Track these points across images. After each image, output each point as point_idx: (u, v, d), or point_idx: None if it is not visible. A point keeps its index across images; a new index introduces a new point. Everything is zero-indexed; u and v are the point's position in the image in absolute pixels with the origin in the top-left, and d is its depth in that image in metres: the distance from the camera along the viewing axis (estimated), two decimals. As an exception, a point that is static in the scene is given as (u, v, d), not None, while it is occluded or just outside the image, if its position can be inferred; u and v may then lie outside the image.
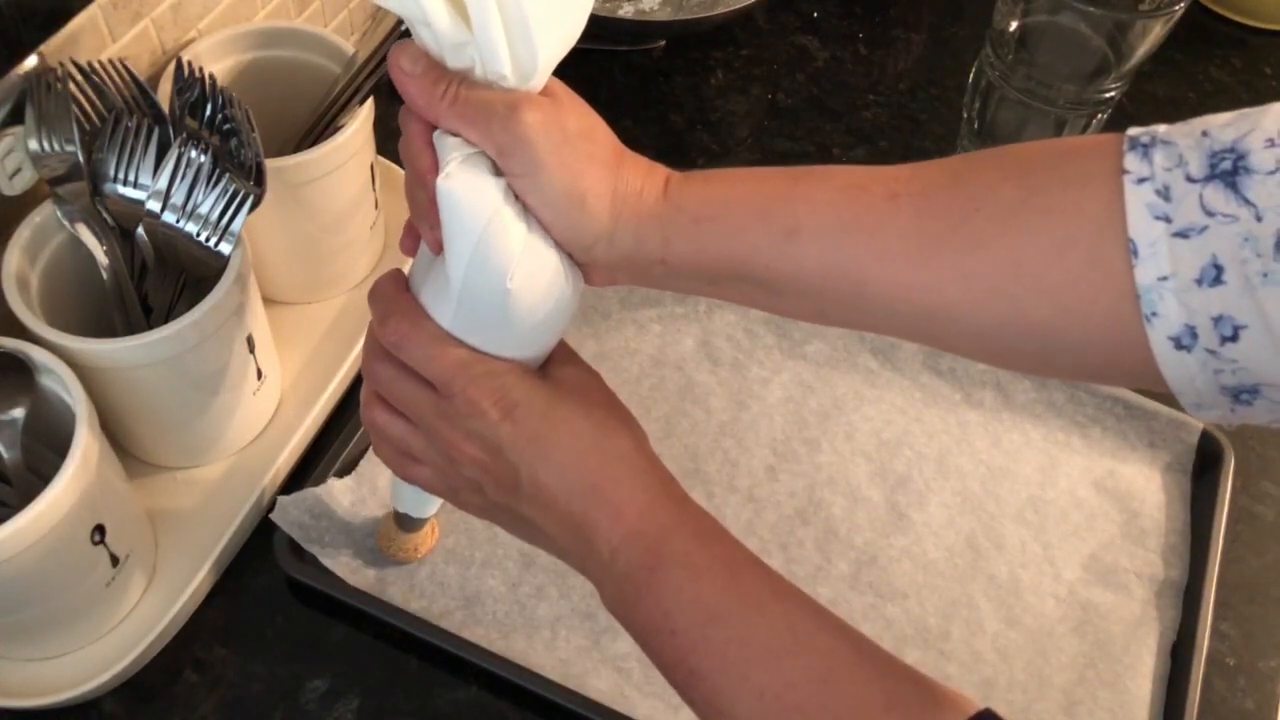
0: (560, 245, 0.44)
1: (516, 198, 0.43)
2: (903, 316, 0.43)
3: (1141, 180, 0.38)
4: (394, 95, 0.87)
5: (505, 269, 0.42)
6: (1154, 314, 0.38)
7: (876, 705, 0.40)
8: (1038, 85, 0.72)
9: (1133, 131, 0.40)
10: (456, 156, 0.42)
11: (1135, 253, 0.38)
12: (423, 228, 0.45)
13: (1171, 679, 0.60)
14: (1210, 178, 0.37)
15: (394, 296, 0.47)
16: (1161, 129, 0.39)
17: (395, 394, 0.47)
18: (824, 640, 0.42)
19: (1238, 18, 0.97)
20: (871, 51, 0.91)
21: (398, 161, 0.74)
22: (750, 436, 0.67)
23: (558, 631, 0.59)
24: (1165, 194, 0.38)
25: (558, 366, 0.48)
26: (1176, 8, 0.66)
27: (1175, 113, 0.89)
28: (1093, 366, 0.42)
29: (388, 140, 0.79)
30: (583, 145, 0.43)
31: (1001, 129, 0.77)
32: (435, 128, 0.44)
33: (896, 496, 0.65)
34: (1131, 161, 0.39)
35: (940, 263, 0.42)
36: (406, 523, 0.58)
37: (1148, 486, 0.67)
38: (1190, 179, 0.38)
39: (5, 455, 0.51)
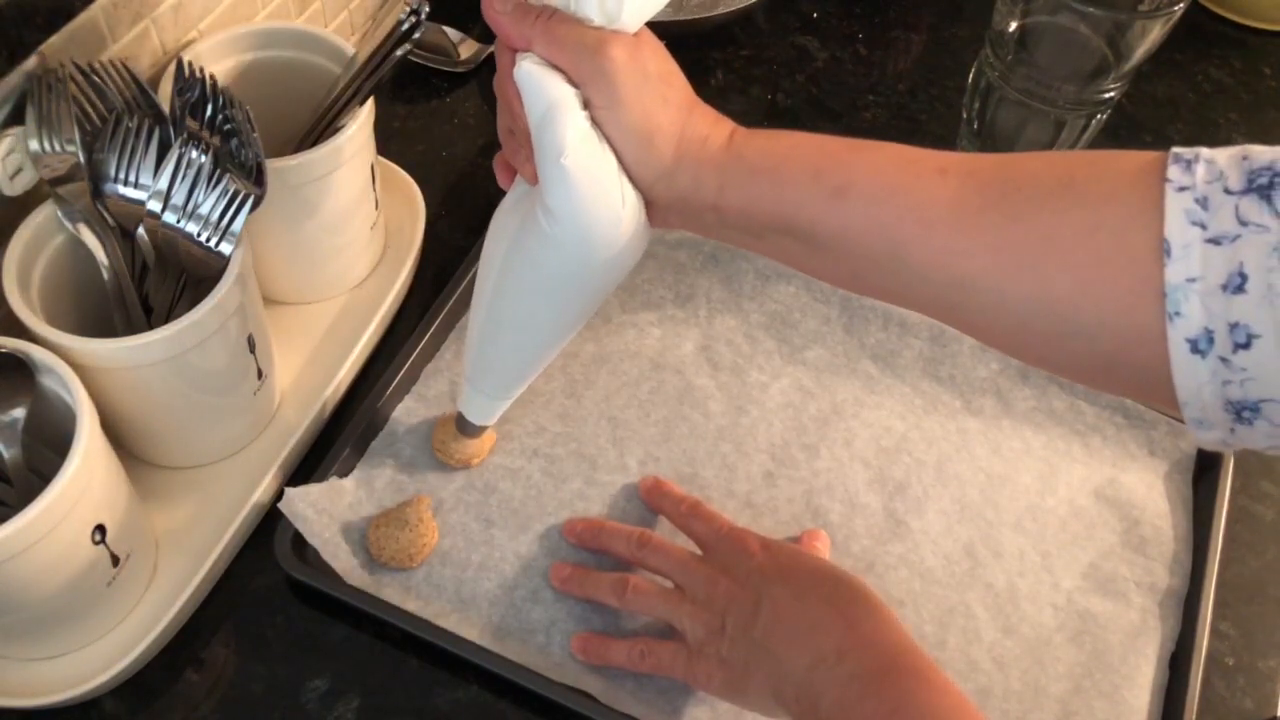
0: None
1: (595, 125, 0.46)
2: (933, 284, 0.46)
3: (1182, 189, 0.40)
4: (394, 96, 0.87)
5: (560, 146, 0.45)
6: (1177, 313, 0.40)
7: None
8: (1037, 86, 0.72)
9: (1177, 150, 0.42)
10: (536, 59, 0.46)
11: (1168, 252, 0.40)
12: (517, 160, 0.49)
13: (1170, 680, 0.60)
14: (1247, 191, 0.39)
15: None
16: (1205, 150, 0.41)
17: (670, 562, 0.58)
18: None
19: (1237, 18, 0.97)
20: (871, 52, 0.91)
21: (398, 161, 0.75)
22: (749, 442, 0.67)
23: (552, 636, 0.59)
24: (1204, 203, 0.40)
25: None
26: (1176, 8, 0.66)
27: (1175, 113, 0.90)
28: (1101, 356, 0.43)
29: (388, 140, 0.80)
30: (659, 87, 0.47)
31: (1001, 129, 0.77)
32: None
33: (895, 504, 0.65)
34: (1174, 172, 0.41)
35: (977, 231, 0.44)
36: (469, 428, 0.62)
37: (1148, 495, 0.67)
38: (1228, 191, 0.39)
39: (6, 455, 0.51)
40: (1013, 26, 0.72)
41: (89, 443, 0.49)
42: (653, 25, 0.48)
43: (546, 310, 0.53)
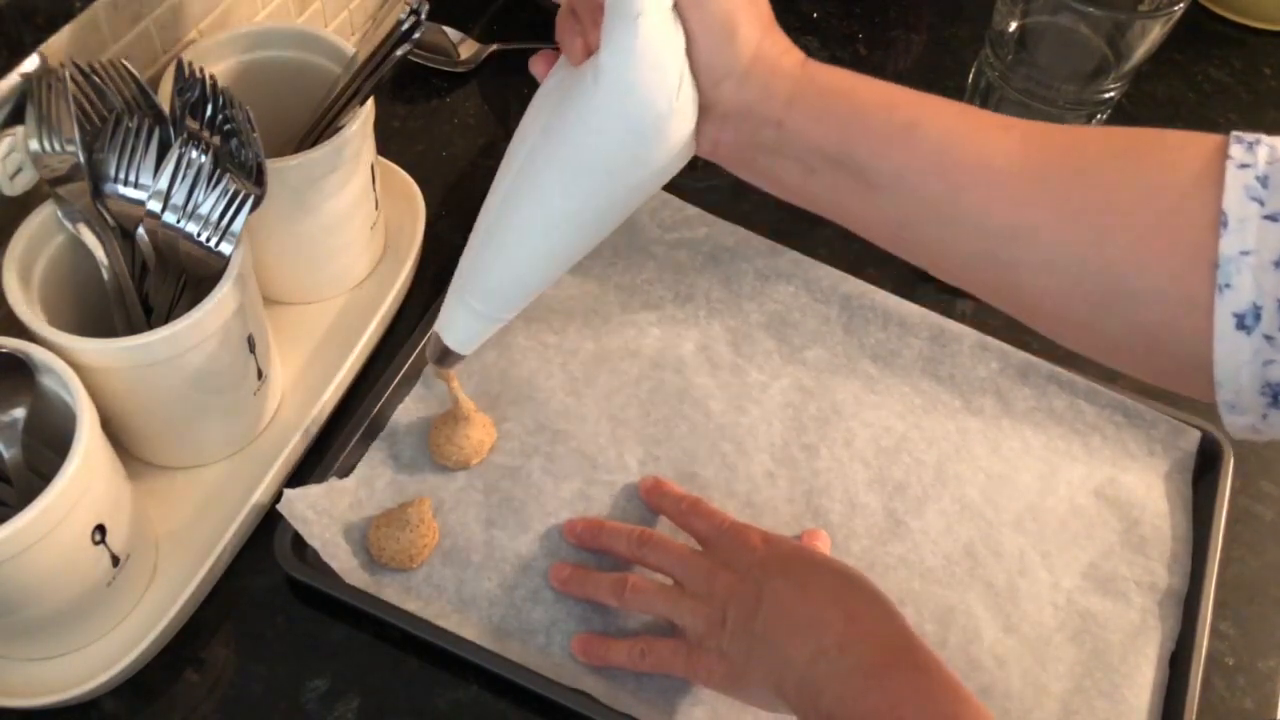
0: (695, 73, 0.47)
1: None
2: (987, 235, 0.46)
3: (1244, 166, 0.41)
4: (394, 96, 0.87)
5: (639, 6, 0.44)
6: (1227, 285, 0.40)
7: None
8: (1037, 86, 0.72)
9: (1238, 133, 0.43)
10: None
11: (1225, 224, 0.40)
12: (568, 36, 0.48)
13: (1170, 680, 0.60)
14: None
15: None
16: (1265, 136, 0.42)
17: (670, 558, 0.58)
18: None
19: (1237, 18, 0.97)
20: (871, 51, 0.91)
21: (398, 161, 0.75)
22: (749, 441, 0.67)
23: (552, 636, 0.59)
24: (1264, 181, 0.40)
25: None
26: (1176, 8, 0.66)
27: (1175, 113, 0.90)
28: (1143, 329, 0.43)
29: (388, 140, 0.80)
30: None
31: (1001, 129, 0.77)
32: None
33: (894, 503, 0.65)
34: (1236, 150, 0.42)
35: (1038, 184, 0.45)
36: (446, 358, 0.59)
37: (1148, 494, 0.67)
38: None
39: (6, 455, 0.51)
40: (1013, 26, 0.72)
41: (89, 443, 0.49)
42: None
43: (565, 196, 0.50)
